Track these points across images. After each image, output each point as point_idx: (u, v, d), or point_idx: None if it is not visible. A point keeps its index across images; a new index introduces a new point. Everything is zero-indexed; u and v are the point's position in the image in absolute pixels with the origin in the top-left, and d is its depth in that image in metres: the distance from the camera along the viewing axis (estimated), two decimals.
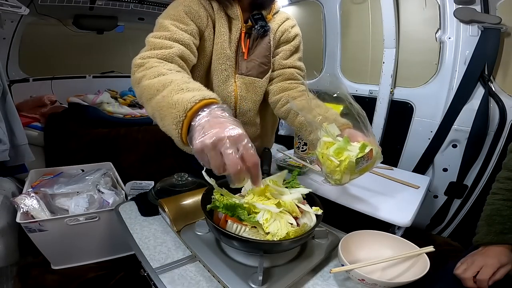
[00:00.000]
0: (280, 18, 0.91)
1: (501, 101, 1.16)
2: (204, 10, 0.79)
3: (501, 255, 0.66)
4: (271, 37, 0.89)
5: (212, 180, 0.57)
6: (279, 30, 0.91)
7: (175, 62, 0.67)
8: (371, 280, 0.53)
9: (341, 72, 1.78)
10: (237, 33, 0.84)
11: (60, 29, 2.12)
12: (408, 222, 0.81)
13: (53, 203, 1.13)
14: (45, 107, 1.85)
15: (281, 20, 0.91)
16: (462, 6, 1.20)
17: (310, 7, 1.86)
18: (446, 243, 1.30)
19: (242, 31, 0.84)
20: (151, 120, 1.96)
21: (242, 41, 0.85)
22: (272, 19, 0.90)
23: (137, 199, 0.88)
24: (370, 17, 1.57)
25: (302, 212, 0.60)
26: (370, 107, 1.59)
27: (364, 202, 0.89)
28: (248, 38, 0.86)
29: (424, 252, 0.59)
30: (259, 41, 0.87)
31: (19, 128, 1.30)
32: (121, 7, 2.05)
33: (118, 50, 2.49)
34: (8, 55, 1.89)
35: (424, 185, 1.05)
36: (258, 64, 0.88)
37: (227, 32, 0.83)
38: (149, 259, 0.63)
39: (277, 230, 0.53)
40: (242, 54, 0.86)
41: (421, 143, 1.42)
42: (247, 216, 0.55)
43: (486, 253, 0.68)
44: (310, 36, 1.90)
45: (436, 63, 1.35)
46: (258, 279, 0.51)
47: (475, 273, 0.64)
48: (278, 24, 0.90)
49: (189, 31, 0.75)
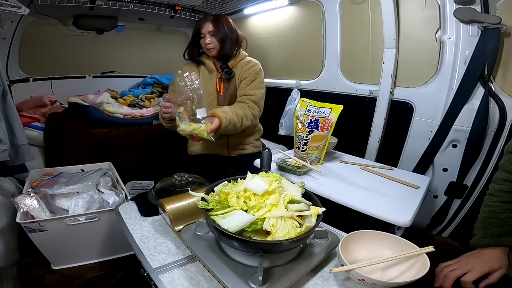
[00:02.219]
0: (242, 63, 1.40)
1: (501, 101, 1.16)
2: (196, 67, 1.40)
3: (495, 259, 0.65)
4: (237, 78, 1.38)
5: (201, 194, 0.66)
6: (241, 72, 1.38)
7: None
8: (371, 280, 0.53)
9: (341, 72, 1.78)
10: (214, 79, 1.38)
11: (60, 29, 2.12)
12: (408, 222, 0.81)
13: (53, 203, 1.13)
14: (45, 107, 1.85)
15: (243, 64, 1.39)
16: (462, 6, 1.20)
17: (310, 7, 1.86)
18: (446, 243, 1.30)
19: (217, 77, 1.38)
20: (151, 120, 1.97)
21: (217, 84, 1.38)
22: (236, 66, 1.39)
23: (137, 199, 0.88)
24: (370, 17, 1.56)
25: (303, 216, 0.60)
26: (370, 107, 1.59)
27: (364, 202, 0.89)
28: (222, 81, 1.38)
29: (424, 252, 0.59)
30: (230, 82, 1.38)
31: (19, 128, 1.30)
32: (121, 7, 2.04)
33: (118, 50, 2.49)
34: (8, 55, 1.89)
35: (424, 185, 1.05)
36: (229, 98, 1.39)
37: (209, 79, 1.38)
38: (149, 259, 0.63)
39: (286, 233, 0.53)
40: (219, 92, 1.38)
41: (421, 143, 1.42)
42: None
43: (480, 256, 0.68)
44: (310, 36, 1.91)
45: (436, 63, 1.35)
46: (258, 279, 0.51)
47: (460, 274, 0.64)
48: (241, 68, 1.39)
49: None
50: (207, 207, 0.58)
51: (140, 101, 2.17)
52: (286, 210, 0.57)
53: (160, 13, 2.20)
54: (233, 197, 0.60)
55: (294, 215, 0.58)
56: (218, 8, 2.21)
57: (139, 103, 2.16)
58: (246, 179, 0.64)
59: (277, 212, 0.56)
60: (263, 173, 0.67)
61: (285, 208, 0.58)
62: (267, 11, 2.15)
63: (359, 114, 1.67)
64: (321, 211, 0.60)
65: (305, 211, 0.60)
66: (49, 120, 1.75)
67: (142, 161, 1.85)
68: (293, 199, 0.62)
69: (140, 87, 2.38)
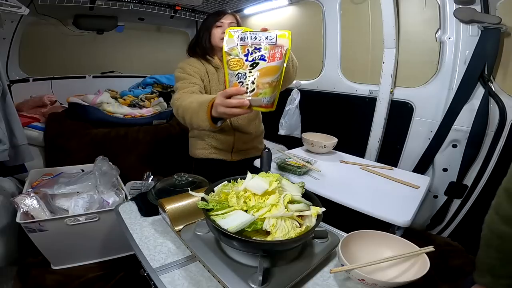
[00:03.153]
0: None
1: (501, 101, 1.16)
2: (201, 65, 1.24)
3: None
4: None
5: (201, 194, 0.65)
6: None
7: (197, 93, 1.09)
8: (371, 280, 0.53)
9: (341, 72, 1.78)
10: (222, 76, 1.25)
11: (60, 29, 2.12)
12: (408, 222, 0.81)
13: (53, 203, 1.13)
14: (45, 107, 1.85)
15: None
16: (462, 6, 1.20)
17: (310, 7, 1.86)
18: (446, 243, 1.30)
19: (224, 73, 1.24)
20: (151, 120, 1.96)
21: (225, 81, 1.23)
22: None
23: (137, 199, 0.88)
24: (370, 17, 1.57)
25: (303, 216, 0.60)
26: (370, 107, 1.59)
27: (364, 202, 0.89)
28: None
29: (424, 252, 0.59)
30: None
31: (19, 128, 1.31)
32: (121, 7, 2.05)
33: (118, 50, 2.49)
34: (8, 55, 1.89)
35: (424, 185, 1.05)
36: None
37: (216, 76, 1.26)
38: (149, 259, 0.63)
39: (286, 233, 0.53)
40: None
41: (421, 143, 1.42)
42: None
43: None
44: (310, 36, 1.90)
45: (436, 63, 1.35)
46: (258, 279, 0.51)
47: None
48: None
49: (198, 78, 1.19)
50: (207, 207, 0.58)
51: (140, 101, 2.17)
52: (286, 210, 0.57)
53: (160, 13, 2.20)
54: (233, 197, 0.60)
55: (294, 215, 0.58)
56: (218, 8, 2.20)
57: (139, 103, 2.16)
58: (246, 179, 0.64)
59: (277, 212, 0.56)
60: (263, 173, 0.67)
61: (285, 208, 0.58)
62: (267, 11, 2.15)
63: (359, 114, 1.67)
64: (321, 211, 0.60)
65: (305, 211, 0.60)
66: (49, 120, 1.75)
67: (142, 161, 1.85)
68: (293, 199, 0.62)
69: (140, 87, 2.38)
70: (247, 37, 0.80)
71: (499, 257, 0.54)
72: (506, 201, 0.54)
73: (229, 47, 0.81)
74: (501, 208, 0.55)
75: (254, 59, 0.78)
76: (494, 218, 0.56)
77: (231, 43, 0.81)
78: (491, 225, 0.56)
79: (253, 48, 0.79)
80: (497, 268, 0.55)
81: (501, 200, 0.55)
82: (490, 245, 0.56)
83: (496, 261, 0.55)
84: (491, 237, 0.56)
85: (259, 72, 0.77)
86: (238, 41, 0.80)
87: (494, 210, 0.57)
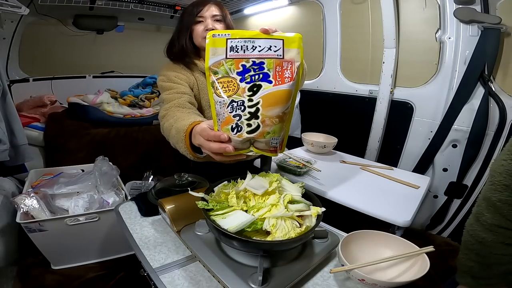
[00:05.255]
0: None
1: (501, 101, 1.16)
2: (188, 71, 1.04)
3: None
4: None
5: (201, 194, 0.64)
6: None
7: (187, 106, 0.92)
8: (371, 280, 0.53)
9: (341, 72, 1.78)
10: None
11: (60, 29, 2.12)
12: (408, 222, 0.81)
13: (53, 203, 1.13)
14: (45, 107, 1.85)
15: None
16: (462, 6, 1.20)
17: (310, 7, 1.86)
18: (446, 243, 1.30)
19: None
20: (151, 120, 1.96)
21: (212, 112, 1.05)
22: None
23: (137, 199, 0.88)
24: (370, 17, 1.57)
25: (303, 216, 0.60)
26: (370, 107, 1.59)
27: (364, 202, 0.89)
28: None
29: (424, 252, 0.59)
30: None
31: (19, 128, 1.31)
32: (121, 7, 2.05)
33: (118, 50, 2.49)
34: (8, 55, 1.89)
35: (424, 185, 1.05)
36: None
37: (206, 84, 1.08)
38: (149, 259, 0.63)
39: (286, 233, 0.53)
40: None
41: (421, 143, 1.42)
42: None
43: None
44: (310, 36, 1.90)
45: (436, 63, 1.35)
46: (258, 279, 0.51)
47: None
48: None
49: (185, 85, 1.00)
50: (207, 207, 0.58)
51: (140, 101, 2.17)
52: (286, 210, 0.57)
53: (160, 13, 2.20)
54: (233, 197, 0.60)
55: (294, 215, 0.58)
56: None
57: (139, 103, 2.16)
58: (246, 179, 0.64)
59: (277, 212, 0.56)
60: (263, 173, 0.67)
61: (285, 208, 0.58)
62: (267, 11, 2.15)
63: (359, 114, 1.67)
64: (321, 211, 0.60)
65: (305, 211, 0.60)
66: (49, 120, 1.75)
67: (142, 161, 1.85)
68: (293, 199, 0.61)
69: (140, 87, 2.38)
70: (240, 47, 0.52)
71: (479, 260, 0.57)
72: (486, 210, 0.56)
73: (215, 61, 0.52)
74: (482, 216, 0.57)
75: (254, 79, 0.52)
76: (474, 225, 0.58)
77: (217, 55, 0.52)
78: (471, 231, 0.58)
79: (251, 64, 0.52)
80: (477, 270, 0.58)
81: (481, 210, 0.57)
82: (471, 250, 0.58)
83: (476, 264, 0.57)
84: (472, 242, 0.58)
85: (263, 99, 0.51)
86: (227, 52, 0.52)
87: (475, 217, 0.59)
